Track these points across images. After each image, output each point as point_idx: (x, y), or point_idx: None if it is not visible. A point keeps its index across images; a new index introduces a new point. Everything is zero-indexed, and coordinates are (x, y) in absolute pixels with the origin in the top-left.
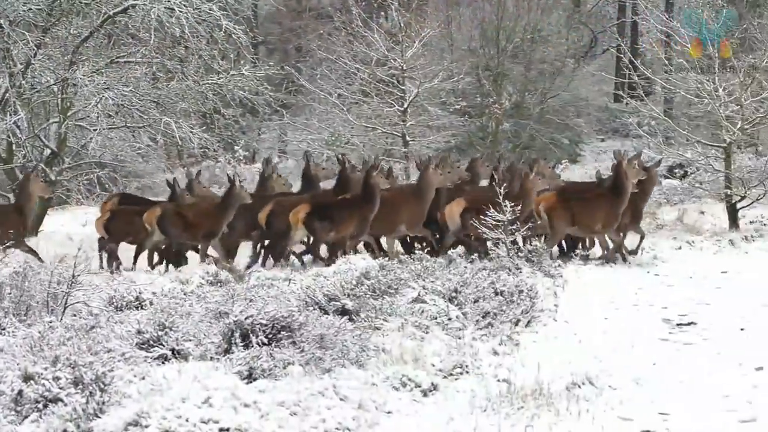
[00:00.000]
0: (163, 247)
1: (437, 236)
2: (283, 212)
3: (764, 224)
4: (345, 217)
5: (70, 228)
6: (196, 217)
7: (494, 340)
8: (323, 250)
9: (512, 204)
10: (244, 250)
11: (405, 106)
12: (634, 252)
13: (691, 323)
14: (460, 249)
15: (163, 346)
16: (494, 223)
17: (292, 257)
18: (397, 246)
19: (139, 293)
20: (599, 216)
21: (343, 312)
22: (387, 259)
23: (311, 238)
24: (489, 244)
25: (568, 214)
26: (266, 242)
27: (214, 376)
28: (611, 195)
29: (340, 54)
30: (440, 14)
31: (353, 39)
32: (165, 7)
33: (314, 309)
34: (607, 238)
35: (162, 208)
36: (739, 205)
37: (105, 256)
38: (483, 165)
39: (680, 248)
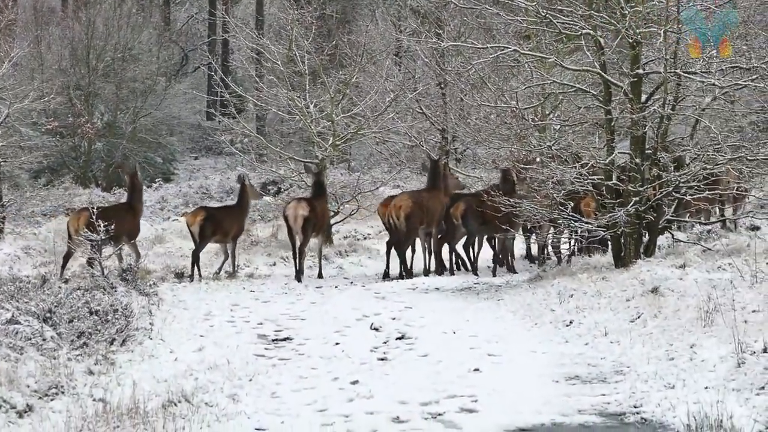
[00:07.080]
0: None
1: None
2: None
3: (357, 239)
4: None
5: None
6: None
7: (90, 359)
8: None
9: None
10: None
11: None
12: None
13: (287, 339)
14: None
15: None
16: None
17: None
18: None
19: None
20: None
21: None
22: None
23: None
24: None
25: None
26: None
27: None
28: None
29: None
30: (29, 34)
31: None
32: None
33: None
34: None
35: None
36: (333, 221)
37: None
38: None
39: (275, 264)
